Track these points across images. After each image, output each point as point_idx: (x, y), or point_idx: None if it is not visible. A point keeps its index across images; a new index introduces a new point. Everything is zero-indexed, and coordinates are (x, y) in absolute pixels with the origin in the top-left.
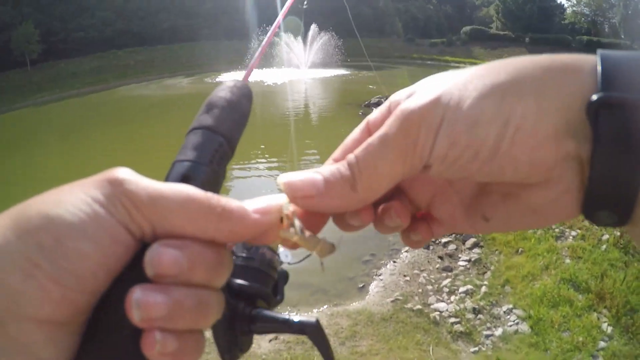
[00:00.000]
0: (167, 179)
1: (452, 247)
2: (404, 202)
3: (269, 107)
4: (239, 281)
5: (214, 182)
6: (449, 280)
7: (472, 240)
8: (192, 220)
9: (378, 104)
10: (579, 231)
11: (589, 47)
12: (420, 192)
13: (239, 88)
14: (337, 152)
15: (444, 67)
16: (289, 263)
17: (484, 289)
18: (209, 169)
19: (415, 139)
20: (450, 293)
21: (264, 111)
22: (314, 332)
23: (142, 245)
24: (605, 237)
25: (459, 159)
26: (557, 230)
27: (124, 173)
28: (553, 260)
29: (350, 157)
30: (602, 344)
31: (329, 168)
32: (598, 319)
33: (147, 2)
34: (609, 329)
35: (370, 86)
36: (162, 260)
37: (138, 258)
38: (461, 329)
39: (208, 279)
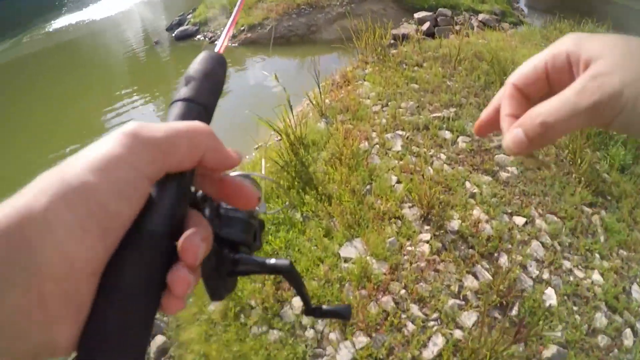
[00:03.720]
0: None
1: None
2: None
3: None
4: (225, 230)
5: None
6: None
7: None
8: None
9: (180, 23)
10: None
11: None
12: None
13: (213, 58)
14: (506, 109)
15: None
16: (265, 213)
17: None
18: None
19: (600, 117)
20: None
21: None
22: (287, 272)
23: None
24: None
25: (620, 129)
26: None
27: (135, 124)
28: None
29: (543, 119)
30: None
31: (528, 127)
32: None
33: None
34: None
35: None
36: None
37: (153, 198)
38: None
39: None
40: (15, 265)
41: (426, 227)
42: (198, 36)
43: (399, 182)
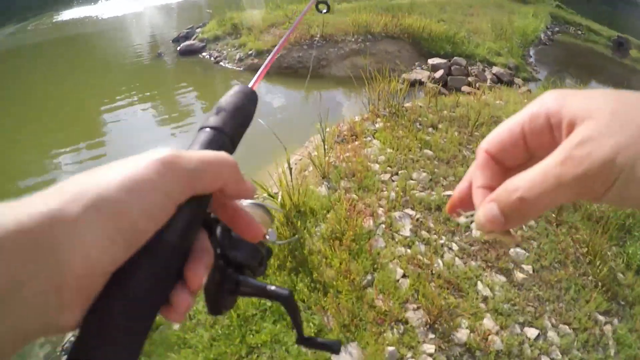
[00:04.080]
0: None
1: None
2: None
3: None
4: (233, 252)
5: None
6: None
7: None
8: (222, 179)
9: (187, 37)
10: None
11: None
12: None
13: (245, 94)
14: (479, 180)
15: None
16: (273, 242)
17: None
18: None
19: (590, 189)
20: None
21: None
22: (286, 300)
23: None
24: None
25: (614, 202)
26: None
27: (169, 152)
28: None
29: (522, 195)
30: None
31: (503, 202)
32: None
33: None
34: None
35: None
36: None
37: (174, 216)
38: None
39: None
40: (41, 261)
41: (431, 336)
42: (203, 53)
43: (404, 276)
